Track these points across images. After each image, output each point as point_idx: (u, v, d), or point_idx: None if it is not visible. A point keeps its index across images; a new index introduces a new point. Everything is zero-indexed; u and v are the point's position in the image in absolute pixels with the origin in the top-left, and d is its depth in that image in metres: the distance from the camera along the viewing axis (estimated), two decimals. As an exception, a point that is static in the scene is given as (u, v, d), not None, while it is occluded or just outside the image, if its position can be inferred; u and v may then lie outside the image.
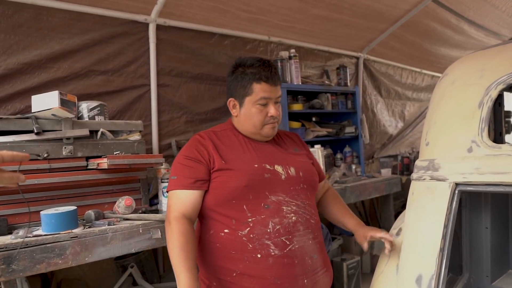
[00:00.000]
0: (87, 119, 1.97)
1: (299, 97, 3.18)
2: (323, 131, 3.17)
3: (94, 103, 2.02)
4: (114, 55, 2.35)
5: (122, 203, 1.82)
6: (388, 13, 3.29)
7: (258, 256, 1.29)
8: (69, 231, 1.56)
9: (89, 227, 1.66)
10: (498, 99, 1.51)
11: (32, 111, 1.81)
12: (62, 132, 1.79)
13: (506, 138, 1.68)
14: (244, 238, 1.30)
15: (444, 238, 1.17)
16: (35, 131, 1.70)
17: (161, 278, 2.54)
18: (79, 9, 2.17)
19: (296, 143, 1.58)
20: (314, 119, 3.34)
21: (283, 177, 1.38)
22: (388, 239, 1.33)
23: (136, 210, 1.89)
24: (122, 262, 2.34)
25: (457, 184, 1.19)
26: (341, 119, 3.47)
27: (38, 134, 1.71)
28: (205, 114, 2.79)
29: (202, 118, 2.78)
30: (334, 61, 3.69)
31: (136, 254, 2.32)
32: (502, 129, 1.58)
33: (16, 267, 1.41)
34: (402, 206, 3.99)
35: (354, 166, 3.30)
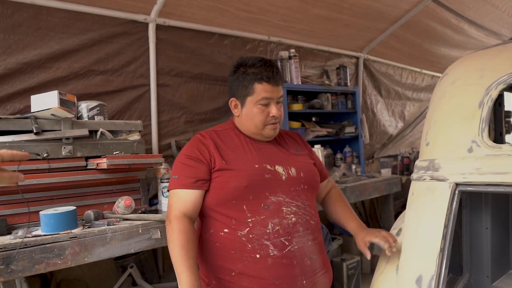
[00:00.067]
0: (87, 119, 1.97)
1: (299, 97, 3.18)
2: (323, 131, 3.17)
3: (93, 103, 2.02)
4: (113, 55, 2.35)
5: (121, 203, 1.82)
6: (388, 13, 3.29)
7: (257, 256, 1.29)
8: (68, 231, 1.56)
9: (88, 227, 1.66)
10: (498, 99, 1.50)
11: (31, 111, 1.81)
12: (62, 132, 1.79)
13: (506, 138, 1.68)
14: (243, 238, 1.30)
15: (444, 238, 1.16)
16: (34, 131, 1.69)
17: (160, 278, 2.54)
18: (79, 8, 2.17)
19: (298, 143, 1.57)
20: (314, 119, 3.33)
21: (284, 177, 1.38)
22: (383, 245, 1.32)
23: (135, 210, 1.88)
24: (122, 262, 2.34)
25: (457, 184, 1.18)
26: (341, 119, 3.46)
27: (37, 134, 1.71)
28: (204, 114, 2.79)
29: (202, 118, 2.77)
30: (334, 61, 3.68)
31: (135, 254, 2.32)
32: (502, 129, 1.58)
33: (15, 268, 1.40)
34: (402, 206, 3.99)
35: (354, 166, 3.29)
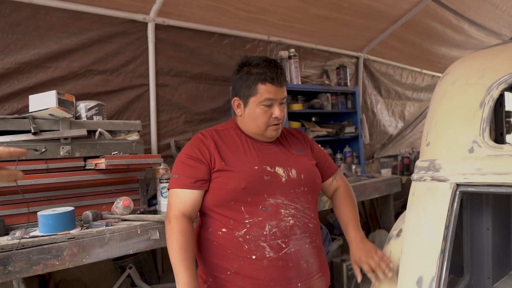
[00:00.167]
0: (85, 119, 1.96)
1: (299, 97, 3.17)
2: (323, 131, 3.16)
3: (92, 103, 2.01)
4: (112, 55, 2.34)
5: (120, 204, 1.81)
6: (388, 12, 3.28)
7: (253, 257, 1.30)
8: (66, 232, 1.55)
9: (86, 228, 1.65)
10: (499, 99, 1.49)
11: (29, 111, 1.80)
12: (60, 132, 1.78)
13: (506, 138, 1.67)
14: (240, 239, 1.30)
15: (445, 239, 1.15)
16: (33, 131, 1.69)
17: (159, 279, 2.53)
18: (77, 8, 2.16)
19: (300, 142, 1.55)
20: (314, 119, 3.33)
21: (284, 179, 1.37)
22: (371, 277, 1.32)
23: (134, 211, 1.88)
24: (121, 263, 2.33)
25: (458, 184, 1.17)
26: (341, 119, 3.45)
27: (35, 134, 1.70)
28: (204, 114, 2.78)
29: (201, 118, 2.77)
30: (334, 61, 3.68)
31: (134, 255, 2.31)
32: (503, 129, 1.57)
33: (12, 269, 1.40)
34: (402, 207, 3.98)
35: (354, 166, 3.29)
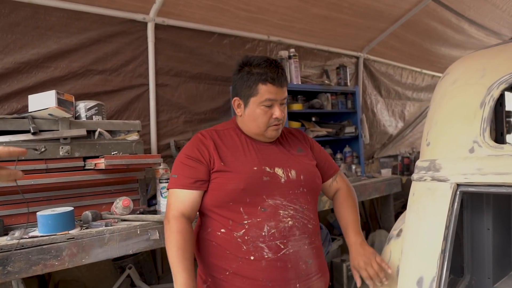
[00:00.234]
0: (85, 119, 1.95)
1: (299, 97, 3.17)
2: (323, 131, 3.15)
3: (91, 103, 2.00)
4: (112, 55, 2.33)
5: (119, 204, 1.80)
6: (388, 12, 3.28)
7: (251, 258, 1.30)
8: (65, 232, 1.55)
9: (86, 228, 1.64)
10: (499, 99, 1.49)
11: (29, 111, 1.80)
12: (59, 132, 1.77)
13: (506, 138, 1.66)
14: (239, 240, 1.30)
15: (445, 239, 1.15)
16: (32, 131, 1.68)
17: (159, 279, 2.52)
18: (77, 8, 2.16)
19: (300, 142, 1.55)
20: (313, 119, 3.32)
21: (283, 180, 1.36)
22: (368, 284, 1.32)
23: (134, 211, 1.87)
24: (120, 263, 2.32)
25: (458, 185, 1.17)
26: (341, 119, 3.45)
27: (34, 134, 1.69)
28: (204, 114, 2.78)
29: (201, 118, 2.76)
30: (334, 60, 3.67)
31: (134, 255, 2.30)
32: (503, 129, 1.56)
33: (11, 269, 1.39)
34: (402, 207, 3.98)
35: (354, 166, 3.28)
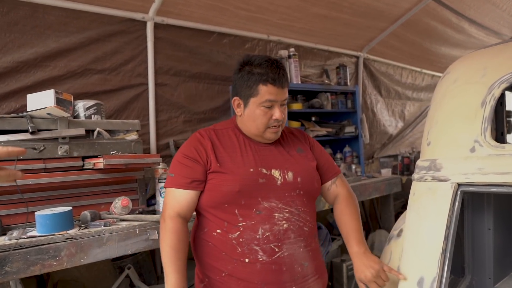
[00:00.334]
0: (83, 118, 1.94)
1: (299, 96, 3.16)
2: (323, 131, 3.15)
3: (90, 102, 1.99)
4: (111, 54, 2.33)
5: (118, 204, 1.80)
6: (388, 12, 3.27)
7: (246, 260, 1.29)
8: (64, 232, 1.54)
9: (84, 228, 1.63)
10: (500, 98, 1.48)
11: (27, 110, 1.79)
12: (58, 131, 1.77)
13: (507, 138, 1.66)
14: (233, 241, 1.30)
15: (446, 239, 1.15)
16: (30, 131, 1.67)
17: (158, 279, 2.51)
18: (76, 7, 2.15)
19: (300, 142, 1.52)
20: (313, 119, 3.31)
21: (279, 182, 1.34)
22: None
23: (133, 211, 1.86)
24: (119, 263, 2.31)
25: (459, 184, 1.16)
26: (341, 119, 3.44)
27: (33, 133, 1.68)
28: (203, 114, 2.77)
29: (201, 117, 2.75)
30: (334, 60, 3.66)
31: (133, 255, 2.29)
32: (504, 128, 1.56)
33: (9, 269, 1.38)
34: (403, 207, 3.97)
35: (354, 166, 3.27)
